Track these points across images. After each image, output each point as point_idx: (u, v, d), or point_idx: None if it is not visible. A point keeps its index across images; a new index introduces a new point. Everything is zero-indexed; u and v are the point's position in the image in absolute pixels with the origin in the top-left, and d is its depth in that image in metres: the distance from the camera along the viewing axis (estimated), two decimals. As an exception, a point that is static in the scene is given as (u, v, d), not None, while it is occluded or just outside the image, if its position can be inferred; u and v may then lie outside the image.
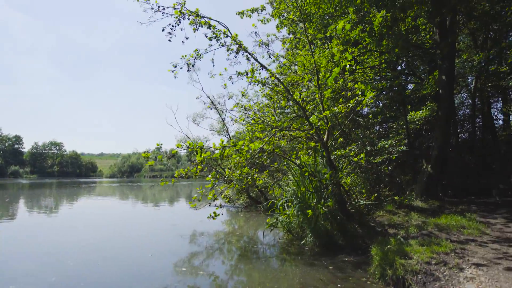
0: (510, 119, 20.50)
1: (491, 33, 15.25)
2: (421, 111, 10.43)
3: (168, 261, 5.97)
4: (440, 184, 9.62)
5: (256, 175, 6.17)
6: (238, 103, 7.37)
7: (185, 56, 6.94)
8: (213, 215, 6.01)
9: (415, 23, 10.70)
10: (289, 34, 13.18)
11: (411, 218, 6.25)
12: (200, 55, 6.91)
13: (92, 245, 7.19)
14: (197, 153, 6.02)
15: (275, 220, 6.27)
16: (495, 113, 22.53)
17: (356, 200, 6.80)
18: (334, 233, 5.88)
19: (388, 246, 4.51)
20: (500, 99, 20.76)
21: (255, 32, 6.75)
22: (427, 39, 11.16)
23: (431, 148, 8.86)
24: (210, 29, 6.50)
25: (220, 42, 6.76)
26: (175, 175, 6.04)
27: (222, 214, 6.22)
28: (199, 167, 6.13)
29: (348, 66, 4.79)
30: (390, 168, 8.51)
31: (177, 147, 6.03)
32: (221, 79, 7.30)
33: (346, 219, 5.95)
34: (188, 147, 6.12)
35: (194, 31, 6.92)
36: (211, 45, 6.77)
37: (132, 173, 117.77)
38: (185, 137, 11.72)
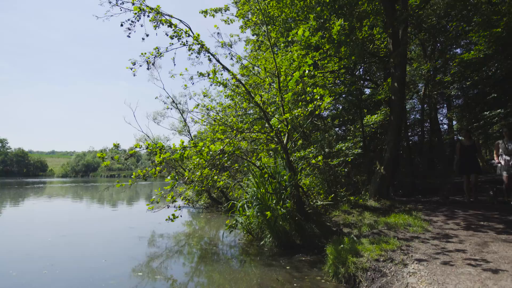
0: (453, 124, 22.41)
1: (438, 44, 16.56)
2: (376, 115, 11.03)
3: (123, 265, 5.75)
4: (392, 184, 10.25)
5: (216, 177, 6.14)
6: (198, 104, 7.27)
7: (145, 53, 6.71)
8: (171, 217, 5.87)
9: (371, 32, 11.31)
10: (253, 35, 13.28)
11: (364, 217, 6.60)
12: (161, 53, 6.72)
13: (37, 252, 6.70)
14: (156, 154, 5.86)
15: (234, 221, 6.29)
16: (441, 118, 24.54)
17: (314, 201, 7.04)
18: (292, 233, 6.04)
19: (342, 246, 4.73)
20: (445, 105, 22.64)
21: (218, 33, 6.72)
22: (382, 47, 11.84)
23: (384, 150, 9.41)
24: (171, 27, 6.35)
25: (182, 42, 6.63)
26: (132, 176, 5.82)
27: (181, 216, 6.11)
28: (158, 168, 5.97)
29: (307, 71, 4.94)
30: (346, 169, 8.92)
31: (136, 147, 5.83)
32: (182, 79, 7.16)
33: (304, 219, 6.14)
34: (147, 148, 5.93)
35: (155, 28, 6.73)
36: (172, 43, 6.62)
37: (88, 172, 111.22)
38: (145, 136, 11.35)
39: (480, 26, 9.88)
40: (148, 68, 6.83)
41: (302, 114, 5.49)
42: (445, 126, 24.43)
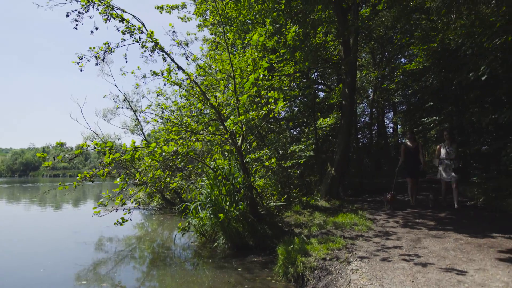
0: (398, 127, 24.22)
1: (386, 54, 17.78)
2: (328, 118, 11.54)
3: (66, 274, 5.38)
4: (342, 185, 10.80)
5: (168, 179, 5.99)
6: (150, 105, 7.03)
7: (93, 48, 6.33)
8: (120, 221, 5.62)
9: (325, 39, 11.81)
10: (211, 34, 13.15)
11: (315, 217, 6.89)
12: (111, 49, 6.39)
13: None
14: (105, 154, 5.57)
15: (187, 224, 6.20)
16: (387, 122, 26.44)
17: (268, 202, 7.19)
18: (245, 234, 6.11)
19: (292, 246, 4.89)
20: (391, 110, 24.42)
21: (173, 31, 6.56)
22: (335, 54, 12.43)
23: (335, 152, 9.88)
24: (123, 22, 6.06)
25: (135, 38, 6.36)
26: (78, 177, 5.46)
27: (131, 219, 5.89)
28: (106, 169, 5.67)
29: (261, 75, 5.03)
30: (299, 171, 9.24)
31: (82, 146, 5.48)
32: (135, 76, 6.80)
33: (257, 221, 6.24)
34: (95, 148, 5.61)
35: (106, 22, 6.38)
36: (124, 39, 6.32)
37: (27, 171, 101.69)
38: (93, 134, 10.70)
39: (420, 40, 10.81)
40: (97, 64, 6.46)
41: (256, 117, 5.57)
42: (391, 130, 26.37)
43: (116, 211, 5.71)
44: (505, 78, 8.09)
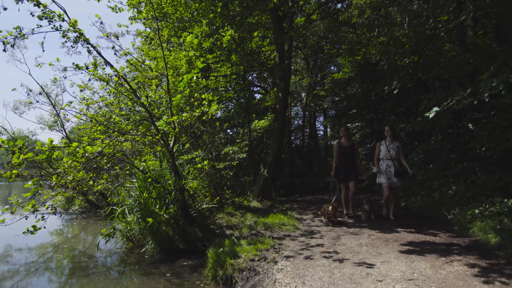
0: (328, 130, 26.06)
1: (319, 61, 19.00)
2: (263, 121, 11.88)
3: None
4: (274, 185, 11.22)
5: (91, 182, 5.56)
6: (72, 102, 6.43)
7: (0, 32, 5.54)
8: (31, 229, 5.01)
9: (262, 43, 12.14)
10: (146, 28, 12.48)
11: (246, 218, 7.04)
12: (24, 35, 5.66)
13: None
14: (14, 153, 4.92)
15: (112, 229, 5.83)
16: (319, 125, 28.28)
17: (200, 204, 7.13)
18: (176, 238, 5.98)
19: (221, 248, 4.94)
20: (322, 114, 26.15)
21: (101, 23, 6.09)
22: (271, 58, 12.86)
23: (268, 154, 10.23)
24: (39, 7, 5.41)
25: (55, 26, 5.73)
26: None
27: (45, 227, 5.32)
28: (14, 171, 5.04)
29: (194, 78, 4.97)
30: (232, 173, 9.36)
31: (-16, 144, 4.78)
32: (53, 69, 6.09)
33: (189, 223, 6.15)
34: (0, 146, 4.93)
35: (17, 2, 5.64)
36: (41, 26, 5.65)
37: None
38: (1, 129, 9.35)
39: (347, 52, 11.81)
40: (4, 50, 5.67)
41: (189, 119, 5.49)
42: (322, 132, 28.29)
43: (26, 218, 5.09)
44: (414, 91, 9.32)
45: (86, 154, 5.26)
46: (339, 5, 11.92)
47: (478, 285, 3.29)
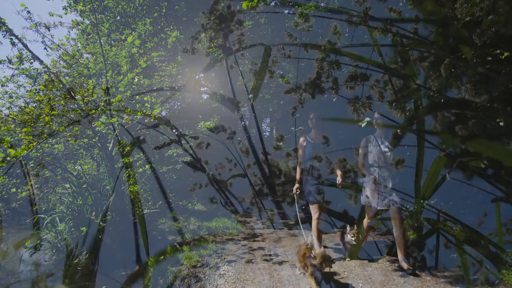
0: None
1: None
2: (209, 122, 11.73)
3: None
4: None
5: (14, 189, 5.01)
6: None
7: None
8: None
9: (210, 44, 12.01)
10: (84, 20, 11.55)
11: (190, 223, 6.96)
12: None
13: None
14: None
15: (38, 241, 5.32)
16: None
17: (141, 209, 6.82)
18: (114, 247, 5.67)
19: (163, 256, 4.82)
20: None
21: (28, 11, 5.49)
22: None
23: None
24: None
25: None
26: None
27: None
28: None
29: (136, 80, 4.78)
30: (175, 177, 9.13)
31: None
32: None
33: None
34: None
35: None
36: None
37: None
38: None
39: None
40: None
41: (130, 122, 5.25)
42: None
43: None
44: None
45: (8, 158, 4.74)
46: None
47: None
